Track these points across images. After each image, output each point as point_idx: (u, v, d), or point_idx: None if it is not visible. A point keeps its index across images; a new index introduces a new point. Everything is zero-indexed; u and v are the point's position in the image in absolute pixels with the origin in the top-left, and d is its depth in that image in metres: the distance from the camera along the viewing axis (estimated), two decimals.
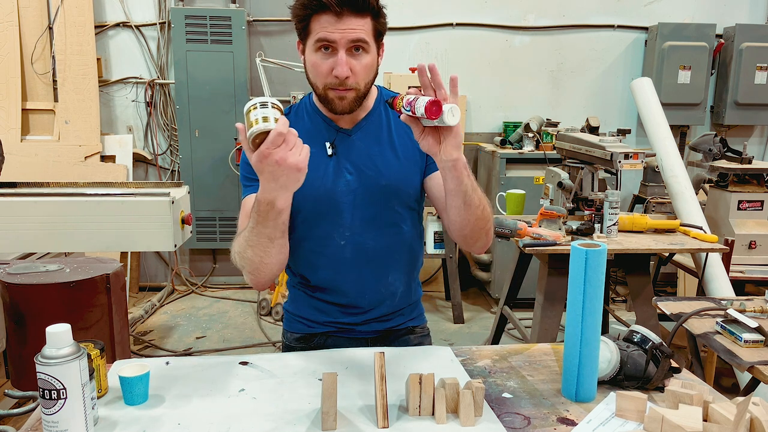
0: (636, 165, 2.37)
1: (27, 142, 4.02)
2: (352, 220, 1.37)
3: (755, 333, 1.59)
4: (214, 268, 4.55)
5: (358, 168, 1.36)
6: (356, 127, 1.39)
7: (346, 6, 1.22)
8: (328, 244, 1.38)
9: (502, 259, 3.99)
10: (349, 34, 1.23)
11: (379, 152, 1.38)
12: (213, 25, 4.06)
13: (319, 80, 1.29)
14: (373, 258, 1.39)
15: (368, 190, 1.36)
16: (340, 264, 1.39)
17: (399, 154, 1.39)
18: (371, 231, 1.38)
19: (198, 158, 4.22)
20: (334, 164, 1.36)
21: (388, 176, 1.37)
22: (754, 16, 4.57)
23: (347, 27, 1.23)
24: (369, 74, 1.30)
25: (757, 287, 3.05)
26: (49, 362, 0.91)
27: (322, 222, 1.38)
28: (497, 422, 1.03)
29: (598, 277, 1.08)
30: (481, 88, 4.48)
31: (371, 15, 1.26)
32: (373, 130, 1.39)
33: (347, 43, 1.24)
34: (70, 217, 2.53)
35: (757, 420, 0.92)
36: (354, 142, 1.37)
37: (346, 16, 1.22)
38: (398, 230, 1.41)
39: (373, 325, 1.45)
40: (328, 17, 1.23)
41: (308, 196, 1.34)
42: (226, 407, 1.08)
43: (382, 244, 1.39)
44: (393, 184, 1.37)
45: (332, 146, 1.37)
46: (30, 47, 3.99)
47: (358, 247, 1.38)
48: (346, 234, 1.37)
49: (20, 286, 2.21)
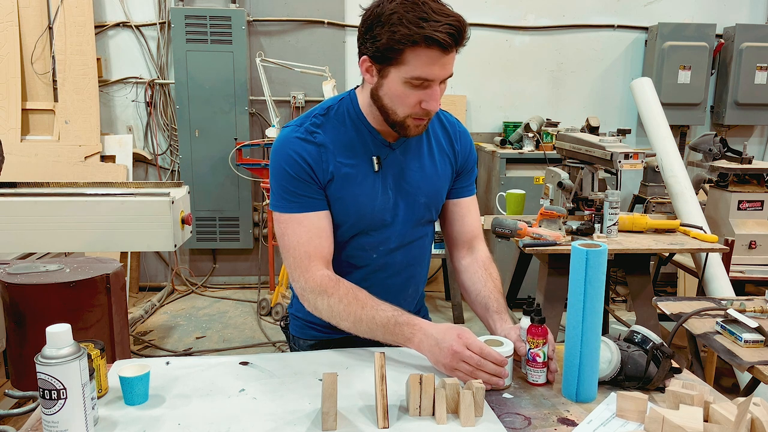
0: (636, 165, 2.37)
1: (27, 142, 4.02)
2: (390, 236, 1.36)
3: (755, 333, 1.58)
4: (214, 268, 4.55)
5: (398, 184, 1.34)
6: (399, 140, 1.34)
7: (456, 45, 1.16)
8: (362, 257, 1.37)
9: (502, 259, 3.99)
10: (448, 70, 1.20)
11: (418, 167, 1.37)
12: (213, 25, 4.06)
13: (403, 110, 1.22)
14: (399, 271, 1.41)
15: (408, 207, 1.36)
16: (368, 276, 1.38)
17: (435, 169, 1.39)
18: (403, 247, 1.39)
19: (198, 158, 4.22)
20: (381, 181, 1.33)
21: (425, 193, 1.37)
22: (754, 16, 4.57)
23: (448, 63, 1.18)
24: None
25: (757, 287, 3.04)
26: (49, 362, 0.91)
27: (362, 236, 1.35)
28: (497, 422, 1.03)
29: (598, 277, 1.08)
30: (481, 88, 4.48)
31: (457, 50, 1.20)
32: (413, 145, 1.37)
33: (446, 78, 1.21)
34: (70, 217, 2.53)
35: (758, 420, 0.92)
36: (397, 157, 1.35)
37: (450, 53, 1.17)
38: (423, 243, 1.44)
39: None
40: (432, 53, 1.14)
41: (353, 212, 1.31)
42: (226, 407, 1.08)
43: (408, 259, 1.41)
44: (428, 202, 1.39)
45: (378, 162, 1.32)
46: (30, 47, 3.99)
47: (388, 262, 1.39)
48: (380, 249, 1.37)
49: (20, 286, 2.21)
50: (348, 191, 1.29)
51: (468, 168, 1.46)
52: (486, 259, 1.46)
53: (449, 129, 1.44)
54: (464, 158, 1.45)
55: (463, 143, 1.45)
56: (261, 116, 4.34)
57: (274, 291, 4.02)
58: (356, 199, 1.29)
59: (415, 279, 1.46)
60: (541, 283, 2.54)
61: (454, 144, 1.43)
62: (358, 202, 1.29)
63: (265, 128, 4.26)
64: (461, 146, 1.44)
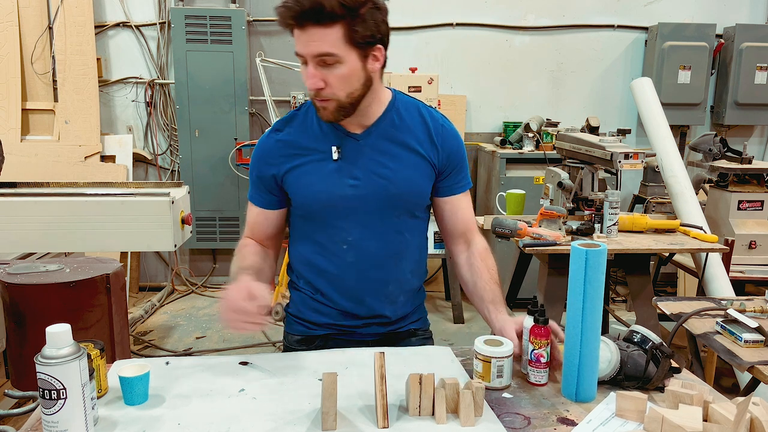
0: (636, 165, 2.37)
1: (27, 142, 4.02)
2: (354, 225, 1.36)
3: (755, 333, 1.59)
4: (214, 268, 4.55)
5: (365, 174, 1.35)
6: (366, 132, 1.36)
7: (306, 18, 1.18)
8: (331, 248, 1.38)
9: (502, 259, 3.98)
10: (313, 48, 1.20)
11: (388, 159, 1.36)
12: (213, 25, 4.06)
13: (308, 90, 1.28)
14: (375, 264, 1.39)
15: (373, 196, 1.35)
16: (341, 268, 1.39)
17: (409, 162, 1.37)
18: (374, 237, 1.38)
19: (198, 158, 4.22)
20: (337, 169, 1.35)
21: (395, 184, 1.36)
22: (754, 16, 4.57)
23: (310, 40, 1.20)
24: (347, 84, 1.25)
25: (757, 287, 3.04)
26: (49, 362, 0.91)
27: (324, 226, 1.38)
28: (497, 422, 1.03)
29: (598, 277, 1.08)
30: (481, 88, 4.48)
31: (344, 22, 1.18)
32: (383, 136, 1.37)
33: (313, 56, 1.21)
34: (70, 217, 2.53)
35: (757, 420, 0.92)
36: (362, 148, 1.35)
37: (309, 29, 1.19)
38: (402, 238, 1.41)
39: (374, 328, 1.44)
40: (298, 31, 1.20)
41: (311, 200, 1.36)
42: (226, 407, 1.08)
43: (385, 251, 1.39)
44: (399, 193, 1.36)
45: (338, 151, 1.34)
46: (30, 47, 3.99)
47: (360, 253, 1.38)
48: (348, 239, 1.37)
49: (20, 286, 2.21)
50: (306, 179, 1.36)
51: (454, 165, 1.43)
52: (483, 251, 1.45)
53: (430, 124, 1.40)
54: (447, 154, 1.41)
55: (445, 139, 1.41)
56: (261, 116, 4.34)
57: (274, 291, 4.03)
58: (314, 187, 1.35)
59: (396, 275, 1.42)
60: (541, 283, 2.54)
61: (433, 138, 1.39)
62: (316, 189, 1.35)
63: (265, 128, 4.26)
64: (442, 142, 1.40)
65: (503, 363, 1.14)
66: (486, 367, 1.15)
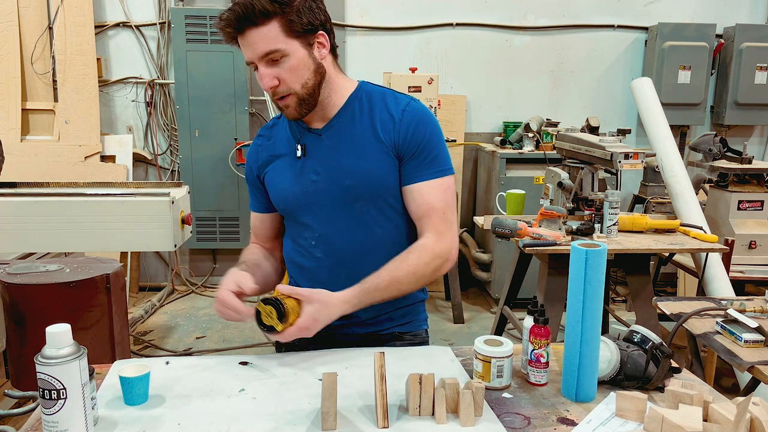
0: (636, 165, 2.37)
1: (27, 142, 4.02)
2: (318, 221, 1.37)
3: (755, 333, 1.59)
4: (214, 268, 4.55)
5: (325, 168, 1.34)
6: (327, 126, 1.36)
7: (243, 23, 1.21)
8: (302, 244, 1.41)
9: (502, 259, 3.99)
10: (256, 50, 1.23)
11: (346, 151, 1.33)
12: (213, 25, 4.06)
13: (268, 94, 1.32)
14: (344, 259, 1.36)
15: (333, 190, 1.34)
16: (313, 264, 1.40)
17: (370, 152, 1.32)
18: (340, 232, 1.36)
19: (198, 158, 4.22)
20: (300, 166, 1.37)
21: (352, 176, 1.32)
22: (754, 16, 4.57)
23: (251, 43, 1.23)
24: (300, 75, 1.25)
25: (757, 287, 3.04)
26: (49, 362, 0.91)
27: (295, 223, 1.42)
28: (497, 422, 1.03)
29: (598, 277, 1.08)
30: (481, 88, 4.48)
31: (277, 17, 1.21)
32: (344, 128, 1.34)
33: (260, 57, 1.23)
34: (70, 217, 2.53)
35: (757, 420, 0.92)
36: (323, 142, 1.35)
37: (248, 33, 1.22)
38: (370, 231, 1.35)
39: (354, 329, 1.40)
40: (241, 39, 1.24)
41: (280, 198, 1.41)
42: (226, 407, 1.08)
43: (353, 246, 1.35)
44: (357, 184, 1.32)
45: (301, 148, 1.36)
46: (30, 47, 3.99)
47: (328, 248, 1.37)
48: (315, 234, 1.38)
49: (20, 286, 2.21)
50: (275, 178, 1.40)
51: (415, 148, 1.32)
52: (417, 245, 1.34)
53: (392, 109, 1.33)
54: (405, 135, 1.31)
55: (404, 121, 1.32)
56: (261, 116, 4.34)
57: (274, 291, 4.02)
58: (281, 185, 1.39)
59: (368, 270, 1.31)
60: (541, 283, 2.54)
61: (395, 123, 1.32)
62: (283, 187, 1.39)
63: None
64: (401, 124, 1.31)
65: (503, 363, 1.14)
66: (486, 367, 1.15)
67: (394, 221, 1.38)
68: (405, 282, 1.31)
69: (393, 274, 1.30)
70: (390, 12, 4.29)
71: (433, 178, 1.34)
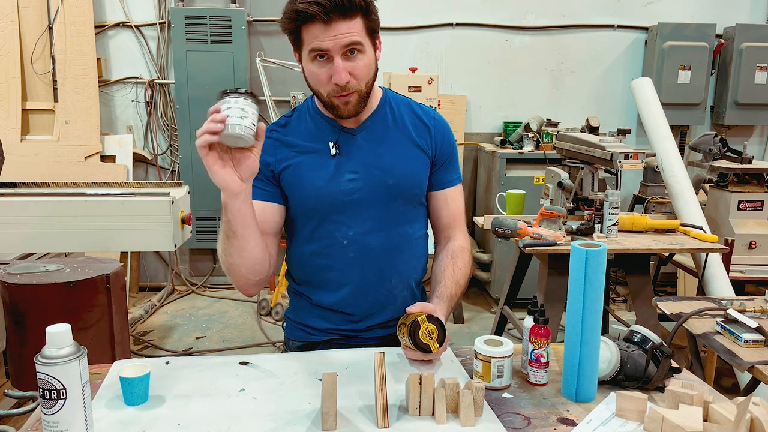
0: (636, 165, 2.37)
1: (27, 142, 4.02)
2: (354, 219, 1.37)
3: (755, 333, 1.59)
4: (214, 268, 4.55)
5: (363, 167, 1.36)
6: (361, 126, 1.38)
7: (334, 12, 1.20)
8: (332, 245, 1.38)
9: (502, 259, 3.99)
10: (342, 39, 1.22)
11: (384, 151, 1.37)
12: (213, 25, 4.06)
13: (322, 89, 1.29)
14: (376, 259, 1.39)
15: (373, 189, 1.36)
16: (343, 264, 1.38)
17: (406, 152, 1.39)
18: (375, 231, 1.38)
19: (198, 158, 4.15)
20: (336, 164, 1.36)
21: (394, 175, 1.37)
22: (754, 16, 4.57)
23: (338, 33, 1.21)
24: (369, 73, 1.30)
25: (757, 287, 3.04)
26: (49, 362, 0.91)
27: (324, 222, 1.38)
28: (497, 422, 1.03)
29: (598, 277, 1.08)
30: (481, 88, 4.48)
31: (361, 13, 1.24)
32: (379, 130, 1.39)
33: (341, 48, 1.23)
34: (70, 217, 2.53)
35: (758, 420, 0.92)
36: (358, 142, 1.37)
37: (335, 21, 1.21)
38: (404, 231, 1.41)
39: (376, 331, 1.43)
40: (318, 26, 1.21)
41: (310, 196, 1.36)
42: (226, 407, 1.08)
43: (386, 246, 1.39)
44: (399, 183, 1.38)
45: (336, 146, 1.36)
46: (30, 47, 3.99)
47: (361, 248, 1.37)
48: (349, 234, 1.37)
49: (20, 286, 2.21)
50: (303, 176, 1.37)
51: (446, 157, 1.45)
52: (457, 249, 1.45)
53: (422, 116, 1.44)
54: (439, 144, 1.43)
55: (437, 129, 1.44)
56: (261, 116, 4.31)
57: (274, 291, 4.02)
58: (312, 183, 1.36)
59: (399, 270, 1.41)
60: (541, 283, 2.54)
61: (429, 128, 1.42)
62: (314, 185, 1.35)
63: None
64: (435, 132, 1.43)
65: (503, 363, 1.14)
66: (486, 367, 1.15)
67: (422, 221, 1.47)
68: (463, 285, 1.41)
69: (455, 279, 1.39)
70: (390, 12, 4.29)
71: (456, 184, 1.48)
